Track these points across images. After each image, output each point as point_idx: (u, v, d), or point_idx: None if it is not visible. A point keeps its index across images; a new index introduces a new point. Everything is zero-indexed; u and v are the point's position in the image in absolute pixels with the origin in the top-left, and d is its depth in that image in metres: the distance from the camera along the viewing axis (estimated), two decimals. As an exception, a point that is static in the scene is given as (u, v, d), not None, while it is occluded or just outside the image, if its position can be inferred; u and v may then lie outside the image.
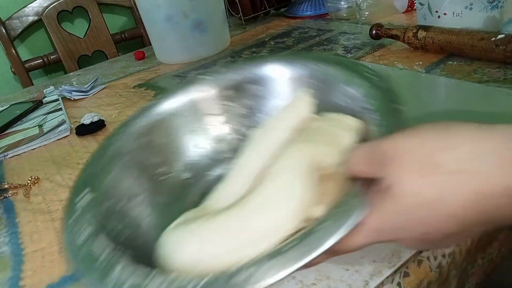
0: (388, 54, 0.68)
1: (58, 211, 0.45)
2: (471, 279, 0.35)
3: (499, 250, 0.37)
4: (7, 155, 0.61)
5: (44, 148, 0.62)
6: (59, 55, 1.17)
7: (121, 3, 1.25)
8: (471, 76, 0.55)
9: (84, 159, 0.56)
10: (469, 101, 0.48)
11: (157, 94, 0.74)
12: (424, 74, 0.58)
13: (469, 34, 0.58)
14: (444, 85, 0.54)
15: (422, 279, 0.30)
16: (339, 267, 0.29)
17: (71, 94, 0.81)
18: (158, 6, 0.85)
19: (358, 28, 0.87)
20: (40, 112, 0.76)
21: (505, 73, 0.53)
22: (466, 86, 0.52)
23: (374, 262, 0.29)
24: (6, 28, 1.10)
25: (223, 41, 0.94)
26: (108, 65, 1.04)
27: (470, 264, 0.34)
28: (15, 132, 0.68)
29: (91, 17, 1.20)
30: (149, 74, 0.88)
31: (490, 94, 0.48)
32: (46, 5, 1.14)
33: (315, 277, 0.29)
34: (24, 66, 1.13)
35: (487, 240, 0.35)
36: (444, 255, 0.31)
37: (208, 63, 0.86)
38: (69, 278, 0.35)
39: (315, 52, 0.78)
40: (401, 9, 0.89)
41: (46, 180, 0.52)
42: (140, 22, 1.21)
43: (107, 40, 1.23)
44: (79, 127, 0.65)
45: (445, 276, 0.32)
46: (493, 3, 0.61)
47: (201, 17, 0.86)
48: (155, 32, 0.91)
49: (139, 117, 0.39)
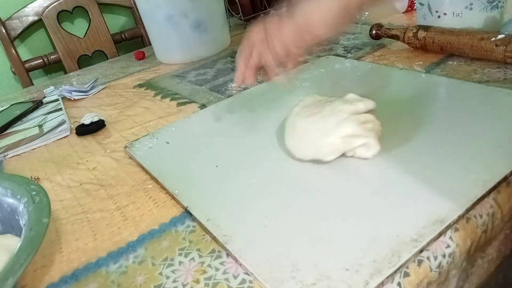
0: (388, 54, 0.68)
1: (58, 211, 0.45)
2: (472, 279, 0.35)
3: (499, 250, 0.37)
4: (7, 155, 0.61)
5: (44, 148, 0.62)
6: (59, 55, 1.16)
7: (121, 3, 1.25)
8: (471, 76, 0.55)
9: (84, 159, 0.56)
10: (469, 101, 0.48)
11: (157, 94, 0.74)
12: (424, 74, 0.58)
13: (469, 34, 0.58)
14: (444, 85, 0.54)
15: (422, 279, 0.30)
16: (339, 267, 0.30)
17: (71, 94, 0.81)
18: (158, 6, 0.85)
19: (358, 28, 0.87)
20: (40, 112, 0.76)
21: (505, 73, 0.53)
22: (466, 86, 0.52)
23: (374, 262, 0.29)
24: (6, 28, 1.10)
25: (223, 41, 0.94)
26: (108, 65, 1.04)
27: (470, 264, 0.34)
28: (15, 132, 0.68)
29: (91, 17, 1.20)
30: (149, 74, 0.88)
31: (490, 94, 0.48)
32: (46, 5, 1.14)
33: (315, 277, 0.29)
34: (24, 66, 1.13)
35: (486, 240, 0.35)
36: (444, 255, 0.31)
37: (208, 63, 0.86)
38: (69, 278, 0.35)
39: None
40: (401, 9, 0.89)
41: (46, 180, 0.52)
42: (140, 22, 1.20)
43: (107, 40, 1.23)
44: (79, 127, 0.65)
45: (445, 276, 0.32)
46: (493, 3, 0.61)
47: (201, 17, 0.86)
48: (155, 32, 0.91)
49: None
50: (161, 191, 0.45)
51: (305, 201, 0.37)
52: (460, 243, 0.32)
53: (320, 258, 0.31)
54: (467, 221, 0.33)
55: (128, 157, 0.54)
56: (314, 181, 0.40)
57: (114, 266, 0.36)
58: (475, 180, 0.35)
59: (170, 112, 0.65)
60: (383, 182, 0.37)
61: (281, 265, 0.31)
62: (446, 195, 0.34)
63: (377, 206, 0.35)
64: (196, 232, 0.37)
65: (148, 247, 0.37)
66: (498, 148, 0.38)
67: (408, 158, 0.40)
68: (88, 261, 0.37)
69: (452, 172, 0.37)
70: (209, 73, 0.80)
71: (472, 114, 0.45)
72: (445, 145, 0.41)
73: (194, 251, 0.35)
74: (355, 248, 0.31)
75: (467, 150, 0.39)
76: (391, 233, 0.31)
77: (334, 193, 0.37)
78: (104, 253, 0.37)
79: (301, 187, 0.39)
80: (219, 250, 0.35)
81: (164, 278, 0.33)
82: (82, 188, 0.49)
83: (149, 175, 0.48)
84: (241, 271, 0.32)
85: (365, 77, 0.61)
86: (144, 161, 0.50)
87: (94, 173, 0.52)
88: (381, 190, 0.36)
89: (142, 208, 0.42)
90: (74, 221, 0.43)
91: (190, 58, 0.90)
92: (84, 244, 0.39)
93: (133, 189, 0.46)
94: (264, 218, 0.36)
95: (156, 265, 0.35)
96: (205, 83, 0.75)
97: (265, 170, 0.43)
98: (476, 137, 0.41)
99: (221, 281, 0.32)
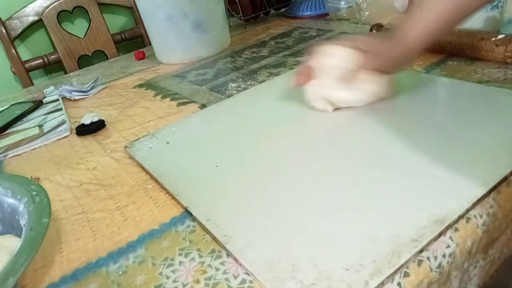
0: (388, 54, 0.68)
1: (59, 211, 0.45)
2: (474, 280, 0.35)
3: (501, 251, 0.37)
4: (7, 155, 0.61)
5: (44, 148, 0.62)
6: (59, 55, 1.16)
7: (121, 3, 1.25)
8: (471, 76, 0.55)
9: (84, 159, 0.56)
10: (469, 101, 0.48)
11: (157, 94, 0.74)
12: (424, 74, 0.58)
13: (469, 34, 0.58)
14: (444, 85, 0.54)
15: (422, 279, 0.30)
16: (339, 267, 0.30)
17: (71, 94, 0.81)
18: (158, 6, 0.85)
19: (358, 28, 0.87)
20: (40, 112, 0.76)
21: (505, 73, 0.53)
22: (466, 86, 0.52)
23: (374, 262, 0.29)
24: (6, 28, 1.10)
25: (223, 41, 0.94)
26: (108, 65, 1.04)
27: (471, 265, 0.34)
28: (15, 132, 0.68)
29: (91, 17, 1.20)
30: (149, 74, 0.88)
31: (490, 94, 0.48)
32: (46, 5, 1.14)
33: (315, 277, 0.29)
34: (24, 66, 1.13)
35: (488, 241, 0.35)
36: (444, 255, 0.31)
37: (208, 63, 0.86)
38: (69, 278, 0.35)
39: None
40: (401, 9, 0.89)
41: (46, 180, 0.52)
42: (140, 22, 1.21)
43: (107, 40, 1.23)
44: (79, 127, 0.65)
45: (446, 277, 0.32)
46: (493, 3, 0.61)
47: (201, 17, 0.86)
48: (155, 32, 0.91)
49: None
50: (161, 191, 0.45)
51: (305, 201, 0.37)
52: (460, 243, 0.32)
53: (320, 258, 0.31)
54: (467, 221, 0.33)
55: (128, 157, 0.54)
56: (314, 181, 0.40)
57: (114, 266, 0.36)
58: (475, 180, 0.35)
59: (170, 112, 0.65)
60: (383, 182, 0.37)
61: (281, 265, 0.31)
62: (446, 195, 0.34)
63: (377, 206, 0.35)
64: (196, 232, 0.37)
65: (148, 247, 0.37)
66: (498, 148, 0.38)
67: (408, 158, 0.40)
68: (88, 261, 0.37)
69: (452, 172, 0.37)
70: (209, 73, 0.80)
71: (472, 114, 0.45)
72: (445, 145, 0.41)
73: (194, 251, 0.35)
74: (355, 248, 0.31)
75: (467, 150, 0.39)
76: (391, 233, 0.31)
77: (334, 193, 0.37)
78: (104, 253, 0.37)
79: (301, 187, 0.39)
80: (219, 250, 0.35)
81: (164, 278, 0.33)
82: (82, 188, 0.49)
83: (149, 175, 0.48)
84: (241, 271, 0.32)
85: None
86: (144, 161, 0.50)
87: (94, 173, 0.52)
88: (381, 190, 0.36)
89: (142, 208, 0.42)
90: (74, 221, 0.43)
91: (190, 58, 0.90)
92: (84, 244, 0.39)
93: (133, 189, 0.46)
94: (264, 218, 0.36)
95: (156, 265, 0.35)
96: (205, 83, 0.75)
97: (265, 170, 0.43)
98: (476, 137, 0.41)
99: (221, 281, 0.32)
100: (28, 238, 0.32)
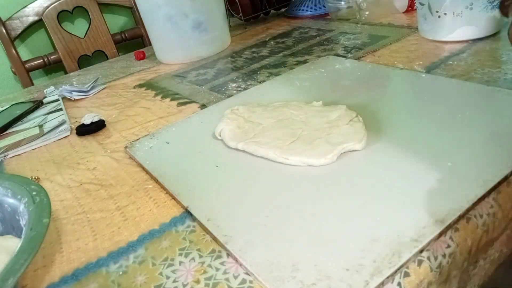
0: (388, 54, 0.68)
1: (59, 211, 0.45)
2: (474, 280, 0.35)
3: (501, 251, 0.37)
4: (8, 155, 0.61)
5: (45, 148, 0.62)
6: (59, 55, 1.16)
7: (121, 3, 1.25)
8: (471, 76, 0.55)
9: (84, 159, 0.56)
10: (469, 101, 0.48)
11: (158, 94, 0.74)
12: (424, 74, 0.58)
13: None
14: (444, 85, 0.54)
15: (422, 279, 0.30)
16: (339, 267, 0.30)
17: (71, 94, 0.81)
18: (158, 6, 0.85)
19: (358, 28, 0.87)
20: (41, 112, 0.76)
21: (505, 73, 0.53)
22: (466, 86, 0.52)
23: (374, 262, 0.29)
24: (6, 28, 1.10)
25: (223, 41, 0.94)
26: (108, 65, 1.04)
27: (471, 265, 0.34)
28: (16, 132, 0.69)
29: (91, 17, 1.20)
30: (149, 74, 0.88)
31: (490, 94, 0.48)
32: (46, 5, 1.14)
33: (315, 277, 0.29)
34: (25, 66, 1.13)
35: (488, 240, 0.35)
36: (445, 255, 0.31)
37: (208, 63, 0.86)
38: (69, 278, 0.35)
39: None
40: (401, 9, 0.89)
41: (46, 180, 0.52)
42: (140, 22, 1.21)
43: (107, 40, 1.23)
44: (79, 127, 0.65)
45: (446, 276, 0.32)
46: (493, 3, 0.61)
47: (201, 17, 0.86)
48: (155, 32, 0.91)
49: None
50: (161, 191, 0.45)
51: (305, 201, 0.37)
52: (460, 243, 0.32)
53: (320, 258, 0.31)
54: (467, 221, 0.33)
55: (128, 157, 0.54)
56: (314, 181, 0.40)
57: (114, 266, 0.36)
58: (475, 180, 0.35)
59: (171, 112, 0.65)
60: (383, 182, 0.37)
61: (281, 265, 0.31)
62: (446, 195, 0.34)
63: (377, 206, 0.35)
64: (196, 232, 0.37)
65: (148, 247, 0.37)
66: (498, 148, 0.38)
67: (408, 158, 0.40)
68: (88, 261, 0.37)
69: (452, 172, 0.37)
70: (209, 73, 0.80)
71: (472, 114, 0.45)
72: (445, 145, 0.41)
73: (194, 251, 0.35)
74: (355, 248, 0.31)
75: (467, 150, 0.39)
76: (391, 233, 0.31)
77: (334, 193, 0.37)
78: (105, 253, 0.37)
79: (301, 187, 0.39)
80: (219, 250, 0.35)
81: (165, 278, 0.33)
82: (83, 188, 0.49)
83: (149, 175, 0.48)
84: (241, 271, 0.32)
85: (365, 77, 0.61)
86: (145, 161, 0.50)
87: (94, 173, 0.52)
88: (381, 190, 0.36)
89: (142, 208, 0.42)
90: (75, 221, 0.43)
91: (190, 58, 0.90)
92: (84, 244, 0.39)
93: (133, 189, 0.46)
94: (264, 218, 0.36)
95: (156, 265, 0.35)
96: (205, 83, 0.75)
97: (265, 170, 0.43)
98: (476, 137, 0.41)
99: (221, 281, 0.32)
100: (28, 238, 0.32)
